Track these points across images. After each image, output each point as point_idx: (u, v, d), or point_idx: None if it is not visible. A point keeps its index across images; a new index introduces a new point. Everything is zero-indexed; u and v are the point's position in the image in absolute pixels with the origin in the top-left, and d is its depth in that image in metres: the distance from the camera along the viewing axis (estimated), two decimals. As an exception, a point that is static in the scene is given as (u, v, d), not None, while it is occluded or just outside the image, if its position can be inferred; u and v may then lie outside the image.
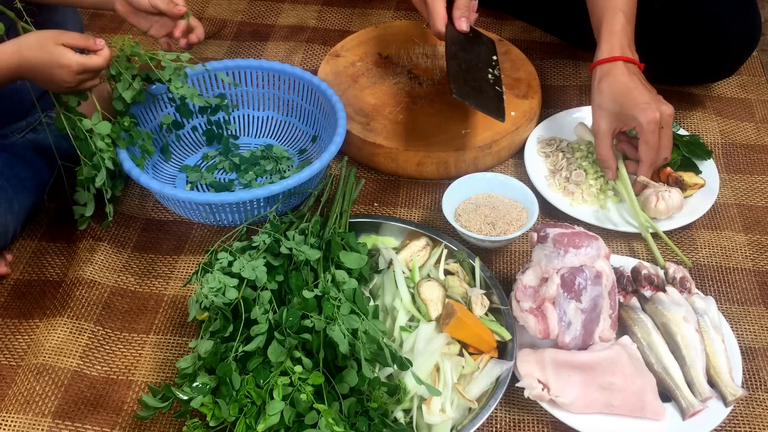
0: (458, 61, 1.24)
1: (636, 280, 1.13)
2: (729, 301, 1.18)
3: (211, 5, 1.78)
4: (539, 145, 1.39)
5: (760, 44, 1.56)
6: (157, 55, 1.17)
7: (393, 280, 1.09)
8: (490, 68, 1.31)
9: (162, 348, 1.12)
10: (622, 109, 1.20)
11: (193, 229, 1.29)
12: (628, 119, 1.20)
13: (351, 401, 0.94)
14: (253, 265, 1.00)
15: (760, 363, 1.10)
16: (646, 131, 1.18)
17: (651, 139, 1.18)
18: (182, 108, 1.32)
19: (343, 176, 1.27)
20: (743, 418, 1.04)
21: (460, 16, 1.28)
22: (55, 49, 1.06)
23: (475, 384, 1.01)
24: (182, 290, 1.19)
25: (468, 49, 1.30)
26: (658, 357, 1.05)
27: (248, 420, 0.92)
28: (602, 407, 1.01)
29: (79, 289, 1.18)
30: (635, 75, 1.21)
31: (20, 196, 1.20)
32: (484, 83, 1.27)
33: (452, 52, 1.25)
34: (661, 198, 1.23)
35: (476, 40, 1.35)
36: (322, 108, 1.37)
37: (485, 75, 1.29)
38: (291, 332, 0.95)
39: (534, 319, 1.04)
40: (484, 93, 1.24)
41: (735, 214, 1.31)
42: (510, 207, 1.24)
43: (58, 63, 1.06)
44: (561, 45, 1.65)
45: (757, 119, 1.49)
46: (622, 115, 1.20)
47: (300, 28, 1.71)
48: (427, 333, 1.04)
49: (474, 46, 1.33)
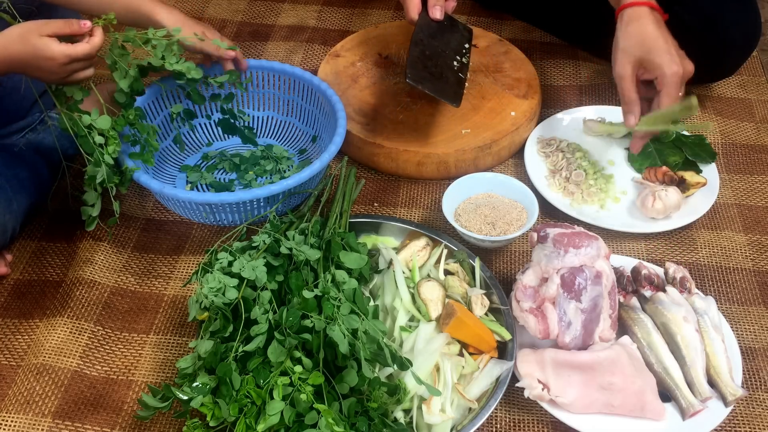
0: (422, 48, 1.28)
1: (636, 280, 1.13)
2: (729, 301, 1.18)
3: (211, 5, 1.78)
4: (539, 145, 1.39)
5: (760, 44, 1.56)
6: (147, 34, 1.14)
7: (393, 280, 1.09)
8: (459, 55, 1.34)
9: (162, 348, 1.12)
10: (648, 56, 1.18)
11: (193, 229, 1.29)
12: (653, 67, 1.18)
13: (351, 401, 0.94)
14: (253, 265, 1.00)
15: (760, 363, 1.10)
16: (669, 83, 1.17)
17: (672, 91, 1.17)
18: (193, 94, 1.28)
19: (343, 176, 1.27)
20: (743, 418, 1.04)
21: (434, 4, 1.34)
22: (39, 41, 1.02)
23: (475, 384, 1.01)
24: (182, 290, 1.19)
25: (438, 36, 1.33)
26: (658, 357, 1.05)
27: (248, 420, 0.92)
28: (602, 407, 1.01)
29: (79, 289, 1.18)
30: (662, 25, 1.21)
31: (19, 196, 1.20)
32: (447, 69, 1.30)
33: (418, 38, 1.29)
34: (658, 198, 1.23)
35: (450, 29, 1.38)
36: (322, 108, 1.37)
37: (450, 62, 1.32)
38: (291, 332, 0.95)
39: (534, 319, 1.04)
40: (443, 79, 1.28)
41: (735, 214, 1.31)
42: (510, 207, 1.24)
43: (43, 56, 1.02)
44: (561, 45, 1.65)
45: (757, 119, 1.49)
46: (646, 61, 1.19)
47: (300, 28, 1.71)
48: (427, 333, 1.04)
49: (446, 34, 1.36)
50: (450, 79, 1.29)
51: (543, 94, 1.47)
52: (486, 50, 1.54)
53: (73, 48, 1.04)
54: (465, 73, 1.33)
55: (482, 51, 1.53)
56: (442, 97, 1.26)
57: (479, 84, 1.46)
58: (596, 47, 1.61)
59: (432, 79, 1.25)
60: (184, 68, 1.17)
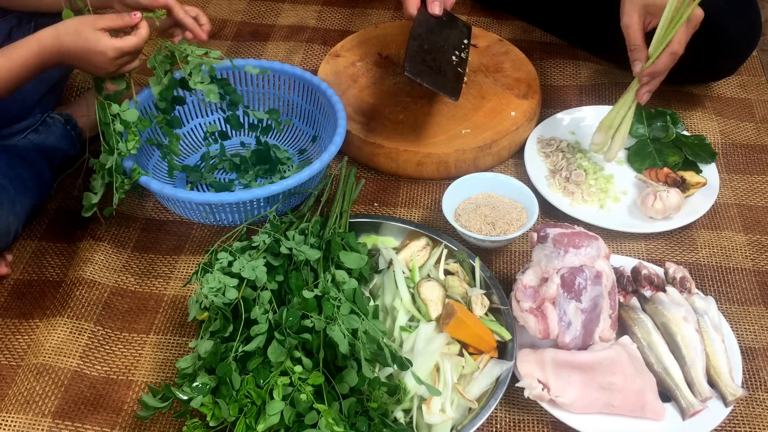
0: (420, 42, 1.29)
1: (636, 280, 1.13)
2: (729, 301, 1.18)
3: (211, 5, 1.78)
4: (539, 145, 1.39)
5: (760, 44, 1.56)
6: (186, 50, 1.15)
7: (393, 280, 1.09)
8: (458, 50, 1.34)
9: (162, 348, 1.12)
10: (655, 1, 1.20)
11: (193, 229, 1.29)
12: (657, 10, 1.20)
13: (351, 401, 0.94)
14: (253, 265, 1.00)
15: (760, 363, 1.10)
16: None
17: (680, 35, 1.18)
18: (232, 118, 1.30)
19: (343, 176, 1.27)
20: (743, 418, 1.04)
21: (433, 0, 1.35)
22: (92, 35, 1.05)
23: (475, 384, 1.01)
24: (182, 290, 1.19)
25: (437, 32, 1.34)
26: (658, 357, 1.05)
27: (248, 420, 0.92)
28: (602, 407, 1.01)
29: (79, 289, 1.18)
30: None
31: (22, 197, 1.20)
32: (446, 64, 1.30)
33: (416, 33, 1.29)
34: (658, 198, 1.23)
35: (450, 24, 1.38)
36: (322, 108, 1.37)
37: (449, 56, 1.32)
38: (291, 332, 0.95)
39: (534, 319, 1.04)
40: (442, 73, 1.28)
41: (735, 214, 1.31)
42: (510, 207, 1.24)
43: (95, 50, 1.06)
44: (561, 45, 1.65)
45: (757, 119, 1.49)
46: (653, 7, 1.21)
47: (300, 28, 1.71)
48: (427, 333, 1.04)
49: (445, 29, 1.36)
50: (448, 74, 1.29)
51: (543, 94, 1.47)
52: (486, 50, 1.54)
53: (123, 41, 1.07)
54: (464, 68, 1.34)
55: (482, 51, 1.53)
56: (441, 91, 1.26)
57: (479, 84, 1.46)
58: (596, 47, 1.61)
59: (431, 73, 1.26)
60: (206, 89, 1.17)
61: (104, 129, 1.14)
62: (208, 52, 1.17)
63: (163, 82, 1.16)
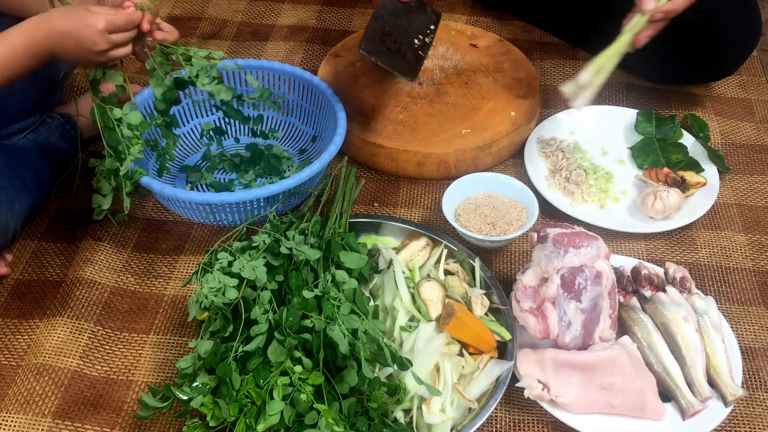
0: (381, 23, 1.30)
1: (636, 280, 1.13)
2: (729, 301, 1.18)
3: (211, 5, 1.78)
4: (539, 145, 1.39)
5: (760, 44, 1.56)
6: (189, 52, 1.15)
7: (393, 280, 1.09)
8: (421, 35, 1.35)
9: (162, 348, 1.12)
10: None
11: (193, 229, 1.29)
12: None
13: (351, 401, 0.93)
14: (253, 265, 1.00)
15: (760, 363, 1.10)
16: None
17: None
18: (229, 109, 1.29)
19: (343, 176, 1.27)
20: (743, 418, 1.04)
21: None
22: (83, 11, 1.05)
23: (475, 384, 1.01)
24: (182, 290, 1.19)
25: (402, 16, 1.35)
26: (658, 357, 1.05)
27: (248, 420, 0.92)
28: (602, 407, 1.01)
29: (79, 289, 1.18)
30: None
31: (21, 196, 1.20)
32: (405, 46, 1.31)
33: (379, 15, 1.31)
34: (658, 198, 1.23)
35: (417, 11, 1.39)
36: (322, 108, 1.37)
37: (411, 40, 1.33)
38: (291, 332, 0.95)
39: (534, 319, 1.04)
40: (400, 54, 1.29)
41: (735, 214, 1.31)
42: (510, 207, 1.24)
43: (85, 22, 1.04)
44: (561, 45, 1.65)
45: (757, 119, 1.49)
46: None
47: (300, 28, 1.71)
48: (427, 333, 1.04)
49: (412, 15, 1.37)
50: (408, 56, 1.30)
51: (543, 94, 1.47)
52: (486, 50, 1.54)
53: (114, 15, 1.06)
54: (425, 52, 1.34)
55: (482, 51, 1.53)
56: (396, 71, 1.26)
57: (479, 84, 1.46)
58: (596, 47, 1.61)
59: (388, 53, 1.26)
60: (215, 89, 1.17)
61: (106, 133, 1.13)
62: (210, 53, 1.17)
63: (165, 83, 1.16)
